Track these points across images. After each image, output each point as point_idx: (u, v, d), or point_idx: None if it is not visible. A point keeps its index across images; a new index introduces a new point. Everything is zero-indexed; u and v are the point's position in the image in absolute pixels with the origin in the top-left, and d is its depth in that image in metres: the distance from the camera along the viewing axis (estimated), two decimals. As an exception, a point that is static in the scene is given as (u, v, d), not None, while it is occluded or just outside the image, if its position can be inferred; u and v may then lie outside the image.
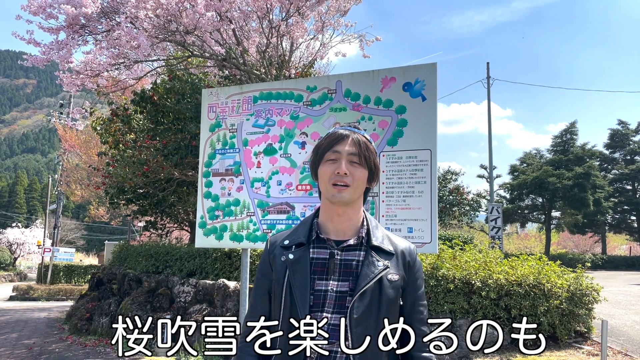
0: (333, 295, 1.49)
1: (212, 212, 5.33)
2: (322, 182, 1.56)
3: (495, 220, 18.39)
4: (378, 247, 1.54)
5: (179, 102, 9.08)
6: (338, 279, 1.51)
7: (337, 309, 1.47)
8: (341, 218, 1.56)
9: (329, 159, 1.55)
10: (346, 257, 1.53)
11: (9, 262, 34.20)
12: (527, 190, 31.25)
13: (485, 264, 6.07)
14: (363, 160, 1.54)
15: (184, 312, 8.17)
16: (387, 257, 1.54)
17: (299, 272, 1.51)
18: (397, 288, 1.52)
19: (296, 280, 1.51)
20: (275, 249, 1.60)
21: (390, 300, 1.50)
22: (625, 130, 35.84)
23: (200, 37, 7.91)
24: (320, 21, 8.63)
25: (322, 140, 1.60)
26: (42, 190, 72.46)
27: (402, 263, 1.56)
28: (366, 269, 1.49)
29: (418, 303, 1.58)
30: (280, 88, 5.30)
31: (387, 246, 1.56)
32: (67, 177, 25.51)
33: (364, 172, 1.55)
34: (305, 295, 1.48)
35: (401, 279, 1.53)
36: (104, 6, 7.72)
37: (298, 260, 1.54)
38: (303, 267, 1.52)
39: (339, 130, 1.59)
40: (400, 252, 1.57)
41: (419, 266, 1.61)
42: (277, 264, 1.57)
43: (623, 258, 33.57)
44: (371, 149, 1.58)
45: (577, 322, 5.78)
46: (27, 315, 13.91)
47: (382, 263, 1.51)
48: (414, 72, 4.82)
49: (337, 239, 1.56)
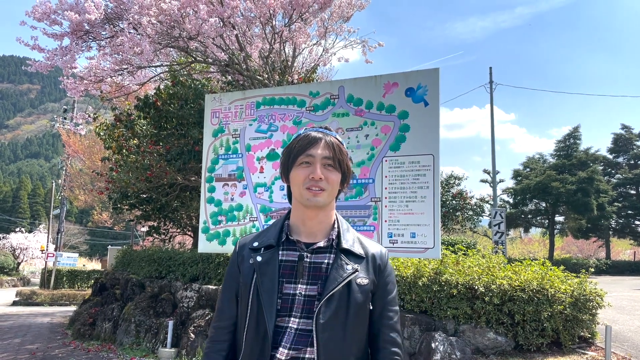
0: (301, 300, 1.44)
1: (215, 217, 5.33)
2: (296, 185, 1.51)
3: (499, 225, 18.33)
4: (348, 250, 1.50)
5: (182, 108, 9.11)
6: (307, 282, 1.46)
7: (306, 314, 1.43)
8: (313, 221, 1.53)
9: (303, 162, 1.51)
10: (315, 260, 1.49)
11: (12, 267, 34.24)
12: (531, 195, 31.21)
13: (488, 269, 6.05)
14: (337, 164, 1.51)
15: (186, 317, 8.16)
16: (357, 260, 1.50)
17: (266, 275, 1.47)
18: (366, 292, 1.48)
19: (264, 284, 1.46)
20: (244, 251, 1.55)
21: (359, 305, 1.45)
22: (629, 134, 35.77)
23: (203, 43, 7.93)
24: (322, 27, 8.66)
25: (294, 142, 1.55)
26: (45, 195, 72.65)
27: (372, 267, 1.52)
28: (335, 272, 1.45)
29: (388, 308, 1.54)
30: (283, 93, 5.31)
31: (357, 249, 1.52)
32: (71, 182, 25.58)
33: (338, 175, 1.52)
34: (272, 299, 1.44)
35: (371, 283, 1.49)
36: (107, 12, 7.77)
37: (266, 262, 1.49)
38: (271, 269, 1.47)
39: (311, 132, 1.55)
40: (371, 256, 1.54)
41: (389, 270, 1.57)
42: (244, 267, 1.52)
43: (627, 263, 33.40)
44: (344, 151, 1.56)
45: (581, 327, 5.76)
46: (30, 320, 13.92)
47: (351, 266, 1.47)
48: (416, 77, 4.83)
49: (307, 241, 1.52)
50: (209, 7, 7.27)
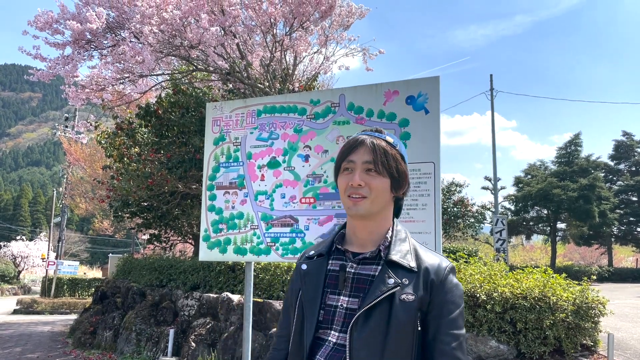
0: (342, 312, 1.36)
1: (216, 225, 5.33)
2: (340, 194, 1.46)
3: (500, 232, 18.31)
4: (395, 262, 1.36)
5: (183, 116, 9.14)
6: (349, 294, 1.38)
7: (345, 327, 1.34)
8: (363, 232, 1.44)
9: (345, 169, 1.44)
10: (360, 272, 1.40)
11: (13, 276, 34.23)
12: (532, 202, 31.19)
13: (490, 277, 6.03)
14: (381, 168, 1.39)
15: (187, 326, 8.14)
16: (406, 274, 1.35)
17: (310, 285, 1.43)
18: (412, 310, 1.31)
19: (306, 293, 1.43)
20: (301, 260, 1.53)
21: (401, 324, 1.30)
22: (630, 141, 35.75)
23: (204, 52, 7.97)
24: (323, 35, 8.69)
25: (341, 148, 1.49)
26: (46, 203, 72.70)
27: (423, 282, 1.34)
28: (376, 285, 1.34)
29: (444, 331, 1.33)
30: (284, 102, 5.33)
31: (407, 261, 1.37)
32: (72, 190, 25.62)
33: (383, 180, 1.40)
34: (314, 309, 1.39)
35: (418, 301, 1.32)
36: (109, 22, 7.81)
37: (310, 271, 1.46)
38: (316, 279, 1.43)
39: (356, 136, 1.47)
40: (424, 269, 1.36)
41: (449, 287, 1.36)
42: (295, 275, 1.51)
43: (630, 270, 33.30)
44: (391, 154, 1.42)
45: (583, 335, 5.73)
46: (30, 329, 13.88)
47: (393, 280, 1.33)
48: (417, 85, 4.84)
49: (357, 251, 1.44)
50: (210, 16, 7.31)
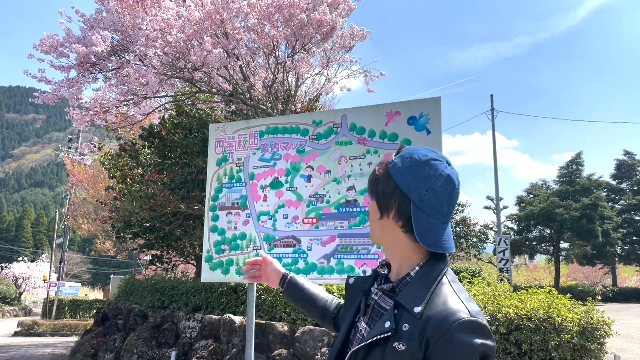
0: (359, 338, 1.31)
1: (219, 246, 5.33)
2: None
3: (503, 252, 18.21)
4: (400, 304, 1.21)
5: (186, 137, 9.20)
6: (367, 322, 1.31)
7: None
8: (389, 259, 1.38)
9: None
10: (380, 302, 1.31)
11: (14, 297, 34.07)
12: (535, 222, 31.09)
13: (494, 298, 5.99)
14: (372, 192, 1.35)
15: (189, 348, 8.07)
16: (409, 318, 1.17)
17: (348, 301, 1.45)
18: None
19: (344, 308, 1.46)
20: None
21: None
22: (632, 160, 35.80)
23: (207, 74, 8.06)
24: (325, 57, 8.79)
25: None
26: (48, 224, 72.68)
27: (419, 333, 1.13)
28: (379, 324, 1.22)
29: None
30: (287, 122, 5.37)
31: (411, 305, 1.18)
32: (74, 211, 25.63)
33: (372, 204, 1.34)
34: (344, 326, 1.39)
35: (409, 355, 1.13)
36: (114, 45, 7.92)
37: (351, 288, 1.46)
38: (352, 298, 1.43)
39: None
40: (425, 319, 1.14)
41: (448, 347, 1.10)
42: None
43: (634, 290, 33.06)
44: (379, 175, 1.30)
45: (589, 357, 5.66)
46: (31, 351, 13.76)
47: (389, 324, 1.18)
48: (418, 106, 4.88)
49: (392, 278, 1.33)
50: (213, 39, 7.41)
